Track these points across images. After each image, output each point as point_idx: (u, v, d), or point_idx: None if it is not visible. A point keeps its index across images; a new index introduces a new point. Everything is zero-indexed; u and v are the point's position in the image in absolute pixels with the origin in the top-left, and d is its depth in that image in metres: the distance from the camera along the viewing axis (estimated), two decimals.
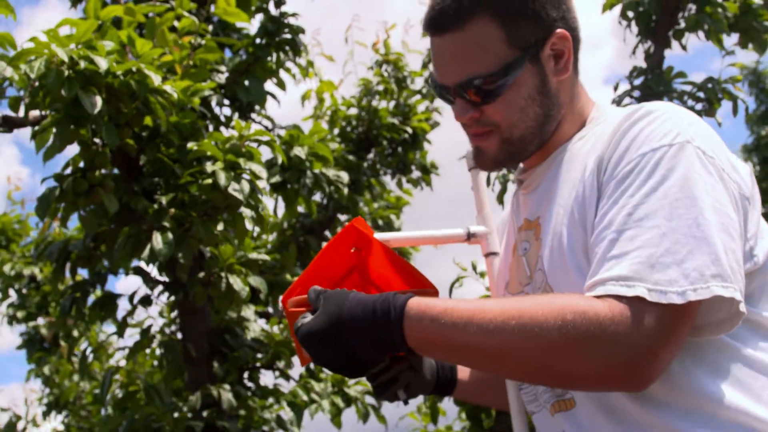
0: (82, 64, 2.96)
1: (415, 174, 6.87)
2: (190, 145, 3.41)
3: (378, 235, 1.51)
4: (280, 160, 3.58)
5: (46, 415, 6.45)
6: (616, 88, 4.48)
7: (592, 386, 1.21)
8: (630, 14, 4.36)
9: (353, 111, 6.51)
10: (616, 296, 1.15)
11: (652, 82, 4.21)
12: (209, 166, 3.31)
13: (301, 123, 6.65)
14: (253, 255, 3.94)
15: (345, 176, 5.61)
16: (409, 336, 1.23)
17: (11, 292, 6.87)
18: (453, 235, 1.59)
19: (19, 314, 6.56)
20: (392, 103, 6.71)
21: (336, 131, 6.49)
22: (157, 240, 3.26)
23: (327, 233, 6.30)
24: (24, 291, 6.71)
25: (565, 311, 1.16)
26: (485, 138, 1.44)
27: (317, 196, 5.98)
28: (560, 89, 1.43)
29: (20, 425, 7.10)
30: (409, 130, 6.52)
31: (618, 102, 4.45)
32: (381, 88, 6.59)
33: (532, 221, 1.46)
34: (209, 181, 3.30)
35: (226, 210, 3.40)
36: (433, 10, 1.40)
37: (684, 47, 4.33)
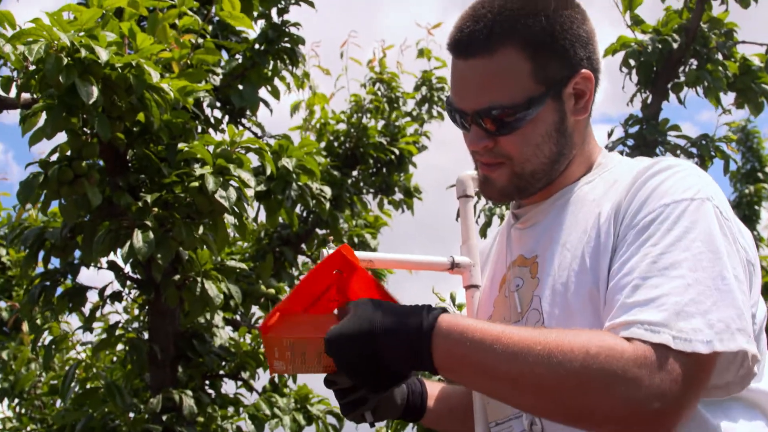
0: (83, 53, 2.90)
1: (398, 196, 6.84)
2: (181, 145, 3.37)
3: (361, 254, 1.47)
4: (269, 170, 3.53)
5: None
6: (610, 135, 4.49)
7: (608, 426, 1.17)
8: (632, 62, 4.37)
9: (342, 126, 6.49)
10: (641, 340, 1.14)
11: (647, 132, 4.23)
12: (198, 169, 3.26)
13: (288, 133, 6.65)
14: (231, 262, 3.90)
15: (328, 191, 5.58)
16: (435, 351, 1.20)
17: None
18: (436, 263, 1.54)
19: None
20: (381, 123, 6.69)
21: (323, 144, 6.45)
22: (138, 238, 3.20)
23: (303, 246, 6.25)
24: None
25: (591, 344, 1.14)
26: (496, 169, 1.41)
27: (297, 208, 5.96)
28: (576, 129, 1.42)
29: None
30: (396, 151, 6.50)
31: (611, 149, 4.45)
32: (372, 106, 6.56)
33: (528, 258, 1.43)
34: (196, 184, 3.25)
35: (210, 215, 3.35)
36: (462, 33, 1.37)
37: (682, 102, 4.36)
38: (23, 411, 6.06)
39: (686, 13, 4.30)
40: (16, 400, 6.12)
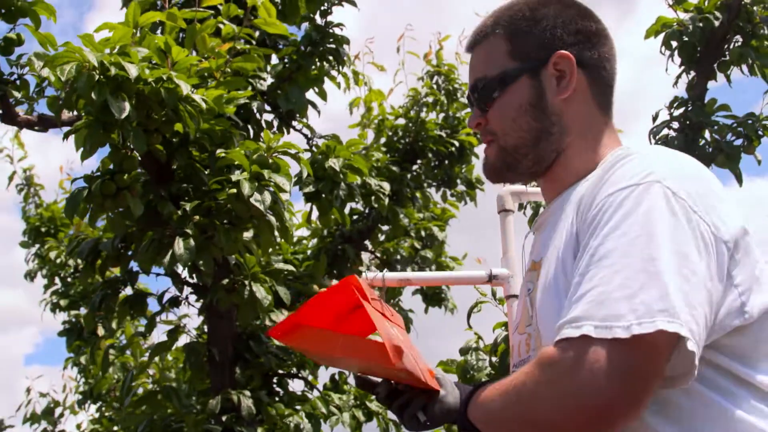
0: (113, 70, 2.99)
1: (461, 188, 6.83)
2: (219, 152, 3.44)
3: (393, 275, 1.55)
4: (305, 173, 3.58)
5: (81, 404, 6.57)
6: (655, 119, 4.36)
7: (577, 429, 1.17)
8: (673, 43, 4.24)
9: (401, 121, 6.49)
10: (567, 339, 1.15)
11: (693, 114, 4.10)
12: (235, 176, 3.33)
13: (348, 131, 6.70)
14: (279, 264, 3.96)
15: (387, 186, 5.61)
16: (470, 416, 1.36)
17: (56, 280, 7.04)
18: (475, 277, 1.61)
19: (62, 302, 6.70)
20: (441, 115, 6.67)
21: (382, 140, 6.48)
22: (179, 246, 3.29)
23: (367, 243, 6.30)
24: (69, 279, 6.86)
25: (531, 365, 1.19)
26: (489, 147, 1.49)
27: (359, 205, 6.00)
28: (564, 111, 1.44)
29: (58, 411, 7.25)
30: (456, 143, 6.48)
31: (656, 133, 4.34)
32: (430, 99, 6.56)
33: (537, 262, 1.45)
34: (234, 190, 3.32)
35: (249, 220, 3.41)
36: (470, 35, 1.54)
37: (729, 80, 4.22)
38: (104, 413, 6.29)
39: None
40: (98, 403, 6.36)
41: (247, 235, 3.61)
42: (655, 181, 1.21)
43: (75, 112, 3.50)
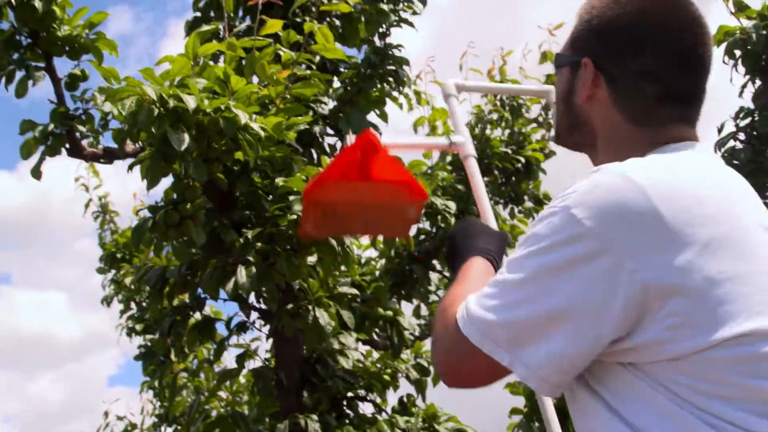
0: (172, 103, 3.04)
1: (528, 204, 6.76)
2: (278, 180, 3.46)
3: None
4: None
5: (157, 426, 6.68)
6: (720, 130, 4.24)
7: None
8: (737, 53, 4.11)
9: None
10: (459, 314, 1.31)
11: (759, 125, 3.97)
12: (295, 202, 3.35)
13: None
14: (344, 288, 3.96)
15: (452, 206, 5.59)
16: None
17: (132, 304, 7.19)
18: (438, 144, 2.02)
19: (138, 327, 6.82)
20: (506, 132, 6.62)
21: (447, 159, 6.46)
22: (241, 274, 3.32)
23: (435, 262, 6.27)
24: (144, 304, 6.99)
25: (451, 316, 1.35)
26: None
27: (426, 224, 5.99)
28: (591, 114, 1.44)
29: None
30: (523, 159, 6.42)
31: (722, 144, 4.22)
32: (494, 116, 6.52)
33: None
34: (294, 216, 3.34)
35: (313, 245, 3.43)
36: None
37: None
38: None
39: None
40: (174, 426, 6.45)
41: (311, 259, 3.63)
42: (564, 207, 1.20)
43: (139, 144, 3.57)
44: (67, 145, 3.47)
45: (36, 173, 3.44)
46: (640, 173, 1.21)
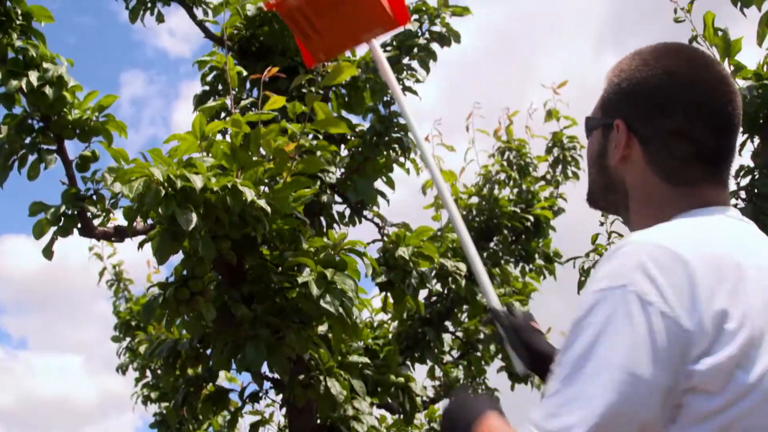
0: (179, 183, 3.10)
1: (539, 262, 6.77)
2: (287, 254, 3.51)
3: None
4: (369, 271, 3.62)
5: None
6: None
7: None
8: None
9: (474, 200, 6.51)
10: None
11: (760, 184, 3.98)
12: (303, 277, 3.39)
13: (421, 212, 6.74)
14: (354, 357, 3.98)
15: (463, 267, 5.61)
16: None
17: (147, 372, 7.20)
18: None
19: (153, 395, 6.83)
20: (515, 191, 6.67)
21: None
22: (250, 350, 3.35)
23: (447, 323, 6.28)
24: (159, 372, 7.00)
25: None
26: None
27: (437, 286, 6.01)
28: (626, 175, 1.47)
29: None
30: (532, 218, 6.46)
31: None
32: (502, 176, 6.57)
33: None
34: (302, 291, 3.38)
35: (319, 318, 3.46)
36: None
37: None
38: None
39: None
40: None
41: (322, 328, 3.67)
42: (620, 286, 1.19)
43: (149, 221, 3.63)
44: (79, 225, 3.53)
45: (47, 253, 3.50)
46: (683, 246, 1.23)
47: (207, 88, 5.09)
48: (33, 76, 3.37)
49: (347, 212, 4.90)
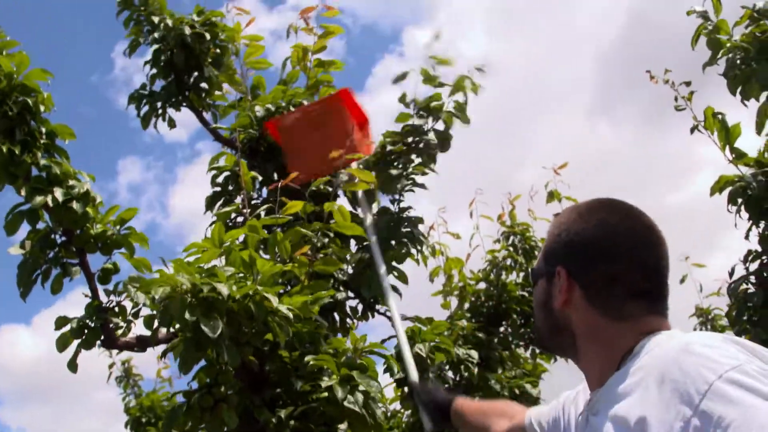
0: (204, 290, 3.16)
1: None
2: (308, 358, 3.55)
3: None
4: (395, 370, 3.66)
5: None
6: (731, 274, 4.35)
7: None
8: (738, 200, 4.26)
9: (482, 285, 6.57)
10: None
11: None
12: (326, 381, 3.43)
13: (430, 299, 6.79)
14: None
15: (475, 354, 5.64)
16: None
17: None
18: None
19: None
20: (521, 275, 6.73)
21: (466, 306, 6.54)
22: None
23: None
24: None
25: None
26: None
27: (449, 373, 6.02)
28: (571, 316, 1.59)
29: None
30: None
31: (734, 289, 4.32)
32: (509, 261, 6.63)
33: None
34: (326, 394, 3.41)
35: (342, 421, 3.49)
36: None
37: None
38: None
39: None
40: None
41: (342, 427, 3.69)
42: (724, 376, 1.22)
43: (170, 330, 3.68)
44: (102, 338, 3.58)
45: (72, 366, 3.54)
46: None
47: (218, 189, 5.18)
48: (58, 193, 3.46)
49: (360, 307, 4.95)
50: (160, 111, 4.95)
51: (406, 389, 4.57)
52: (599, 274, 1.57)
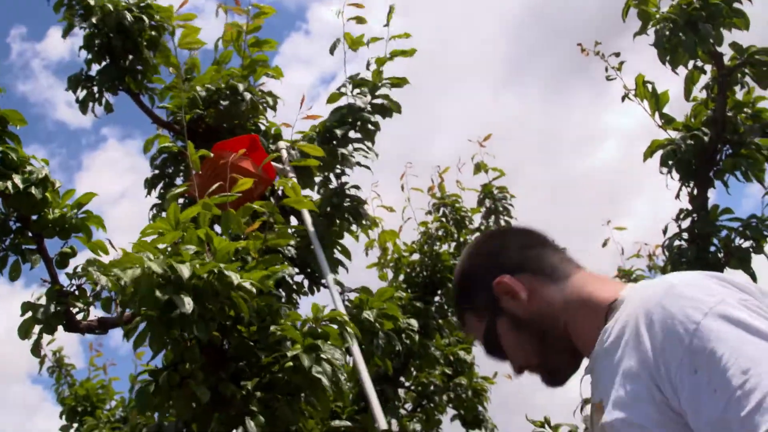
0: (170, 273, 3.22)
1: None
2: (273, 328, 3.64)
3: None
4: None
5: None
6: (665, 232, 4.61)
7: None
8: (669, 162, 4.51)
9: (416, 257, 6.74)
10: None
11: (699, 225, 4.34)
12: (290, 350, 3.53)
13: (365, 271, 6.93)
14: (336, 422, 4.12)
15: (415, 323, 5.79)
16: None
17: None
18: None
19: None
20: (453, 244, 6.92)
21: (401, 277, 6.71)
22: (250, 424, 3.47)
23: (402, 379, 6.45)
24: None
25: None
26: (535, 374, 1.72)
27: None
28: (539, 308, 1.65)
29: None
30: None
31: (669, 246, 4.57)
32: (441, 232, 6.82)
33: (597, 403, 1.55)
34: (290, 363, 3.52)
35: (308, 389, 3.60)
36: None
37: (726, 185, 4.48)
38: None
39: (711, 104, 4.44)
40: None
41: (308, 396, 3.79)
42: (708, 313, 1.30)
43: (129, 311, 3.72)
44: (64, 322, 3.60)
45: (35, 352, 3.56)
46: None
47: (157, 171, 5.20)
48: (17, 179, 3.46)
49: (305, 282, 5.05)
50: (96, 95, 4.93)
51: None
52: (524, 255, 1.70)
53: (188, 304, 3.20)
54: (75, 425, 7.68)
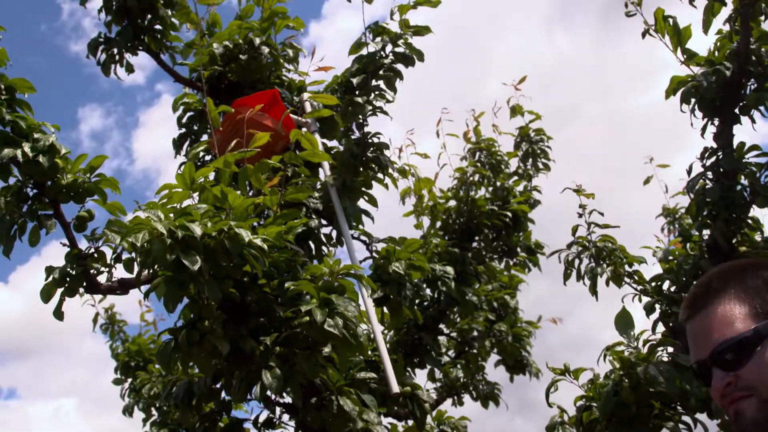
0: (180, 233, 3.24)
1: (522, 255, 6.97)
2: (288, 284, 3.66)
3: None
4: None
5: None
6: (689, 172, 4.46)
7: None
8: (692, 99, 4.34)
9: (452, 203, 6.69)
10: None
11: (724, 162, 4.19)
12: (305, 305, 3.54)
13: (402, 221, 6.91)
14: (361, 374, 4.14)
15: (450, 270, 5.77)
16: None
17: (153, 410, 7.30)
18: None
19: None
20: (489, 189, 6.85)
21: (438, 224, 6.67)
22: (267, 377, 3.50)
23: (442, 326, 6.46)
24: (165, 408, 7.10)
25: None
26: (742, 401, 1.50)
27: (427, 291, 6.17)
28: None
29: None
30: (510, 214, 6.64)
31: (692, 187, 4.44)
32: (476, 177, 6.75)
33: None
34: (306, 318, 3.53)
35: (326, 342, 3.61)
36: (686, 300, 1.60)
37: (753, 120, 4.29)
38: None
39: (735, 36, 4.25)
40: None
41: (326, 350, 3.82)
42: None
43: (149, 271, 3.77)
44: (84, 284, 3.66)
45: (58, 315, 3.63)
46: None
47: (183, 130, 5.23)
48: (27, 147, 3.51)
49: (334, 233, 5.05)
50: (117, 57, 4.95)
51: (385, 309, 4.71)
52: None
53: (196, 262, 3.21)
54: (129, 380, 7.87)
